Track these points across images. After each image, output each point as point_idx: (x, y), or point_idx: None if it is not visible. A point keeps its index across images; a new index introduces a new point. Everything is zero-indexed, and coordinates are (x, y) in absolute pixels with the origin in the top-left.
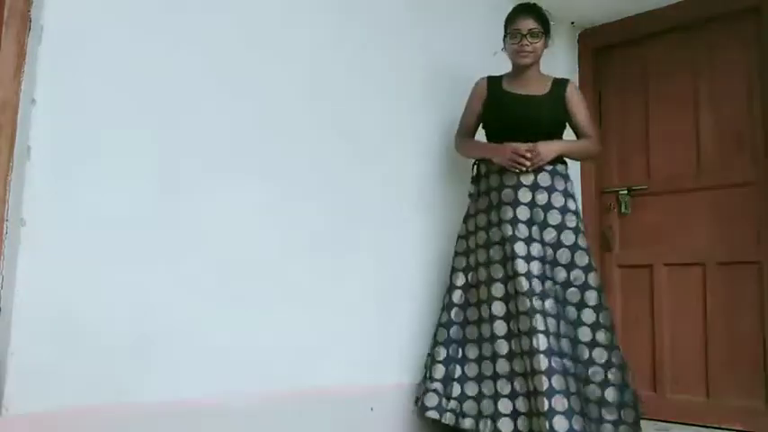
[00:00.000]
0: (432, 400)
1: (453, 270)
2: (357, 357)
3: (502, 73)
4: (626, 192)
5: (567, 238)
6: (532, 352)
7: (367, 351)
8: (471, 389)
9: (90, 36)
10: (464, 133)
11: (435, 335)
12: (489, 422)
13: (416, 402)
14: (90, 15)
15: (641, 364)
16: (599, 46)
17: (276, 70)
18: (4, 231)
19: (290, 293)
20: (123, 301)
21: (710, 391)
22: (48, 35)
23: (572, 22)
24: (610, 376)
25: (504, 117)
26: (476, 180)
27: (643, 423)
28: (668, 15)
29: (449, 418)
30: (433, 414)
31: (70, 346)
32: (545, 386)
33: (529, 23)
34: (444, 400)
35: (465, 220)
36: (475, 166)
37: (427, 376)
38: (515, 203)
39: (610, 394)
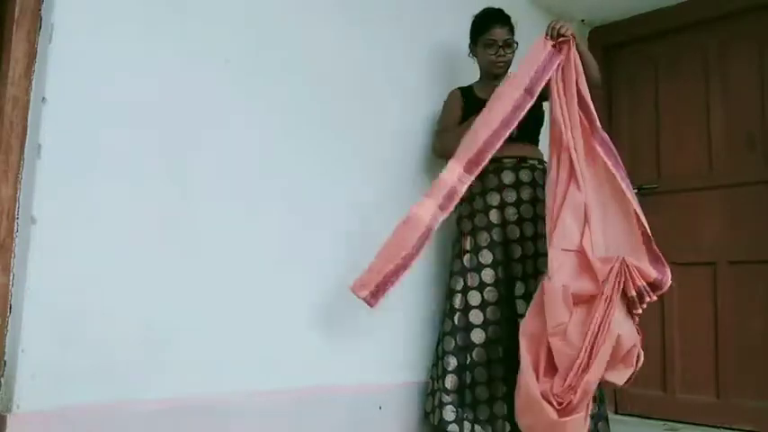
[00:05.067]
0: (450, 413)
1: (451, 274)
2: (365, 356)
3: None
4: (636, 191)
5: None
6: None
7: (374, 350)
8: (482, 394)
9: (101, 35)
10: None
11: (442, 343)
12: (507, 424)
13: (430, 416)
14: (101, 14)
15: (651, 364)
16: (609, 44)
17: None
18: (15, 229)
19: (296, 294)
20: (132, 300)
21: (720, 391)
22: (58, 34)
23: (582, 20)
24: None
25: None
26: None
27: (652, 423)
28: (679, 13)
29: (467, 429)
30: (453, 428)
31: (80, 343)
32: None
33: (504, 33)
34: (461, 411)
35: (458, 222)
36: None
37: (439, 387)
38: (518, 203)
39: None
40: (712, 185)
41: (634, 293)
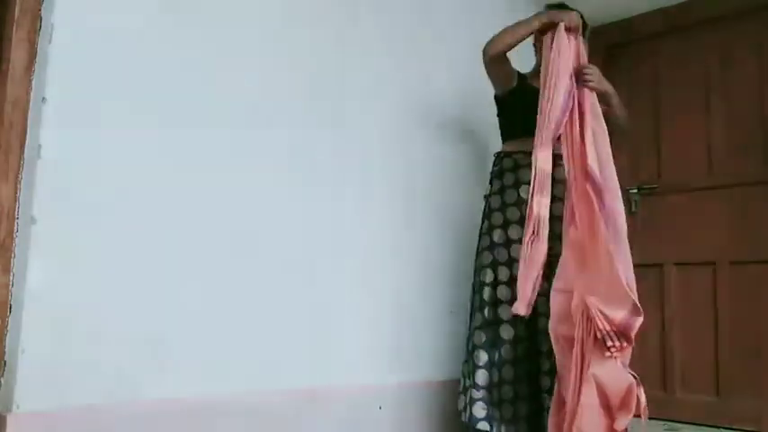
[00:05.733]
0: (480, 410)
1: (481, 267)
2: (365, 356)
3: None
4: (636, 191)
5: None
6: (540, 353)
7: (375, 350)
8: (507, 393)
9: (101, 35)
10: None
11: (472, 338)
12: (527, 425)
13: (462, 413)
14: (101, 14)
15: (651, 364)
16: (610, 44)
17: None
18: (15, 229)
19: (299, 293)
20: (133, 300)
21: (720, 391)
22: (58, 34)
23: None
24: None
25: (531, 110)
26: (499, 175)
27: (652, 423)
28: (680, 13)
29: (495, 428)
30: (484, 425)
31: (80, 344)
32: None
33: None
34: (491, 408)
35: (488, 216)
36: (498, 162)
37: (470, 384)
38: (551, 199)
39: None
40: (712, 186)
41: (599, 336)
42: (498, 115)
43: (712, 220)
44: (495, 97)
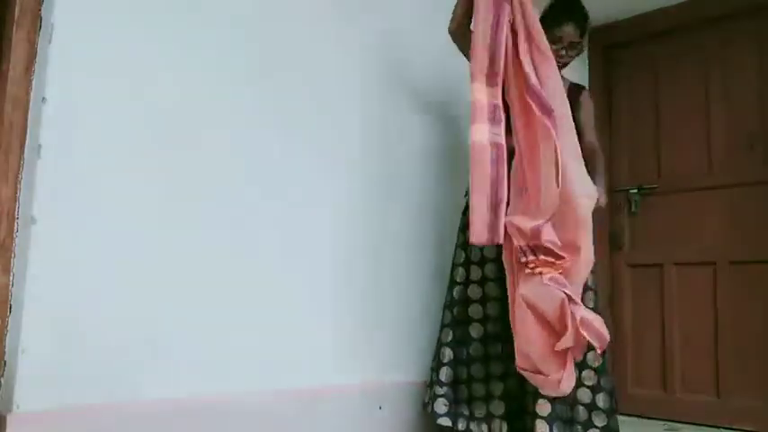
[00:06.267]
0: (441, 406)
1: (453, 265)
2: (365, 356)
3: None
4: (636, 191)
5: None
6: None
7: (375, 350)
8: (478, 390)
9: (101, 35)
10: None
11: (440, 335)
12: (504, 424)
13: (426, 407)
14: (101, 15)
15: (651, 364)
16: (610, 44)
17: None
18: (15, 229)
19: (296, 293)
20: (132, 300)
21: (720, 391)
22: (58, 34)
23: None
24: (598, 402)
25: None
26: None
27: (652, 423)
28: (679, 13)
29: (461, 424)
30: (445, 421)
31: (80, 343)
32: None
33: (573, 35)
34: (454, 405)
35: (465, 213)
36: None
37: (434, 380)
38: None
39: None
40: (712, 185)
41: (518, 254)
42: None
43: (712, 220)
44: None
